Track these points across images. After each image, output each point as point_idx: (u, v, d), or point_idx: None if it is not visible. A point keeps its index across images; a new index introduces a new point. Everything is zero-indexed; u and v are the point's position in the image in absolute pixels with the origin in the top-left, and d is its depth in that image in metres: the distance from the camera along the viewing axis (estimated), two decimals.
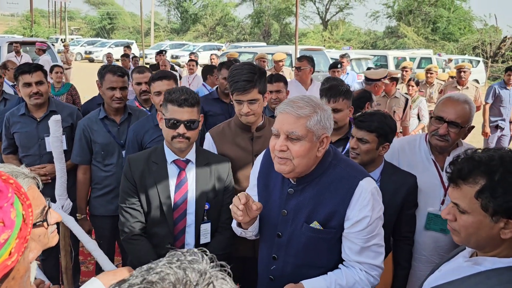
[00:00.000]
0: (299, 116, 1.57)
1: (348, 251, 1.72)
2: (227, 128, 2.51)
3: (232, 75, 2.33)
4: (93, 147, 3.03)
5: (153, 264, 0.69)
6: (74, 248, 3.21)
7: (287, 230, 1.77)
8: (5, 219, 0.77)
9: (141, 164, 2.22)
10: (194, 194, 2.22)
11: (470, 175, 1.26)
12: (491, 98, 6.42)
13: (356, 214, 1.66)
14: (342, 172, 1.69)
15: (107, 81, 3.02)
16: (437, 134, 2.23)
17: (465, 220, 1.29)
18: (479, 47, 26.90)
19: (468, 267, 1.33)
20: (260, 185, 1.89)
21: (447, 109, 2.23)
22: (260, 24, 42.11)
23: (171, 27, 49.56)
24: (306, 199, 1.71)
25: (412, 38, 31.81)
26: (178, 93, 2.11)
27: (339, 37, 37.90)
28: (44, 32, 35.94)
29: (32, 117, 3.20)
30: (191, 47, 28.87)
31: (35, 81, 3.10)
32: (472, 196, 1.25)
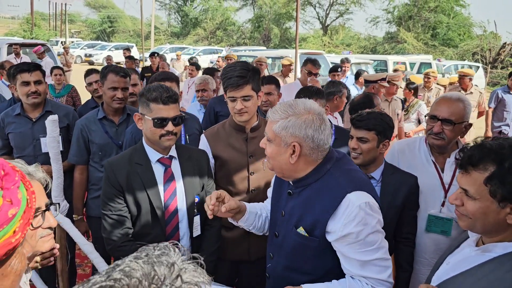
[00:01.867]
0: (271, 120, 1.65)
1: (347, 265, 1.63)
2: (221, 129, 2.49)
3: (225, 72, 2.32)
4: (90, 147, 3.00)
5: (120, 261, 0.67)
6: (71, 251, 3.17)
7: (282, 231, 1.78)
8: (13, 198, 0.84)
9: (124, 167, 2.14)
10: (183, 189, 2.22)
11: (481, 161, 1.29)
12: (494, 103, 6.40)
13: (340, 228, 1.57)
14: (333, 181, 1.62)
15: (109, 81, 2.99)
16: (432, 132, 2.26)
17: (472, 206, 1.31)
18: (479, 53, 26.96)
19: (478, 256, 1.33)
20: (275, 184, 1.92)
21: (440, 107, 2.26)
22: (260, 28, 42.22)
23: (171, 30, 49.67)
24: (299, 202, 1.70)
25: (412, 44, 31.90)
26: (158, 91, 2.08)
27: (339, 42, 38.00)
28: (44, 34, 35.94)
29: (28, 117, 3.16)
30: (191, 50, 28.90)
31: (34, 80, 3.07)
32: (481, 182, 1.28)
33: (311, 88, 3.06)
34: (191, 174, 2.25)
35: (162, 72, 3.43)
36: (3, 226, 0.80)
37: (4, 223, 0.80)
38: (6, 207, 0.82)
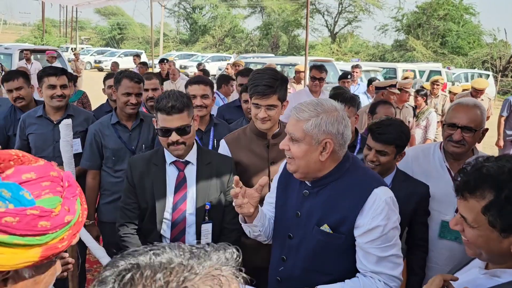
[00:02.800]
0: (298, 119, 1.62)
1: (365, 261, 1.67)
2: (242, 135, 2.47)
3: (253, 78, 2.29)
4: (104, 152, 3.00)
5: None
6: (81, 255, 3.16)
7: (299, 232, 1.76)
8: (70, 207, 0.90)
9: (140, 166, 2.25)
10: (194, 194, 2.22)
11: (477, 188, 1.19)
12: (506, 111, 6.32)
13: (368, 222, 1.63)
14: (357, 179, 1.69)
15: (123, 87, 3.01)
16: (452, 140, 2.22)
17: (472, 234, 1.23)
18: (489, 61, 26.80)
19: (486, 279, 1.27)
20: (279, 187, 1.90)
21: (458, 114, 2.23)
22: (268, 36, 42.37)
23: (180, 37, 50.05)
24: (319, 202, 1.70)
25: (421, 52, 31.77)
26: (165, 101, 2.08)
27: (348, 50, 37.99)
28: (54, 41, 36.45)
29: (49, 119, 3.22)
30: (199, 57, 29.07)
31: (60, 84, 3.16)
32: (479, 211, 1.18)
33: (345, 94, 2.96)
34: (207, 180, 2.24)
35: (198, 75, 3.48)
36: (57, 229, 0.86)
37: (59, 226, 0.86)
38: (64, 213, 0.87)
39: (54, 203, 0.87)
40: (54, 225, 0.85)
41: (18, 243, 0.82)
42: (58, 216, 0.86)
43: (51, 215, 0.85)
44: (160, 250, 0.67)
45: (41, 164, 0.94)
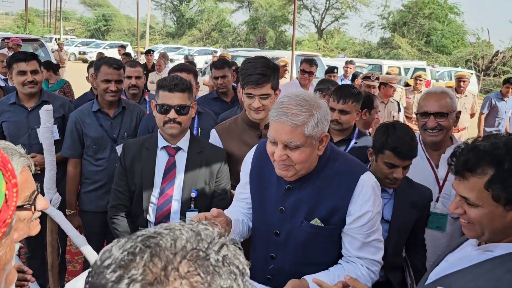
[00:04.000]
0: (296, 126, 1.49)
1: (349, 246, 1.69)
2: (233, 125, 2.43)
3: (245, 67, 2.24)
4: (84, 140, 2.94)
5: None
6: (61, 245, 3.11)
7: (285, 228, 1.71)
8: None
9: (133, 149, 2.29)
10: (182, 181, 2.21)
11: (478, 165, 1.22)
12: (486, 109, 6.44)
13: (358, 209, 1.63)
14: (342, 167, 1.66)
15: (102, 73, 2.95)
16: (427, 128, 2.27)
17: (476, 213, 1.24)
18: (472, 60, 27.20)
19: (478, 255, 1.29)
20: (253, 182, 1.83)
21: (428, 103, 2.29)
22: (255, 30, 42.24)
23: (166, 30, 49.55)
24: (305, 195, 1.66)
25: (406, 49, 32.07)
26: (169, 79, 2.17)
27: (334, 46, 38.10)
28: (38, 31, 35.64)
29: (23, 106, 3.12)
30: (186, 51, 28.82)
31: (30, 69, 3.05)
32: (482, 187, 1.21)
33: (352, 89, 2.75)
34: (196, 168, 2.24)
35: (182, 63, 3.44)
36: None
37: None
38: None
39: None
40: None
41: None
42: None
43: None
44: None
45: None
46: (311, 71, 5.12)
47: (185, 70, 3.01)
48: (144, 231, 0.65)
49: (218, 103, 3.76)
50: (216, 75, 3.82)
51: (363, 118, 3.47)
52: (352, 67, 8.06)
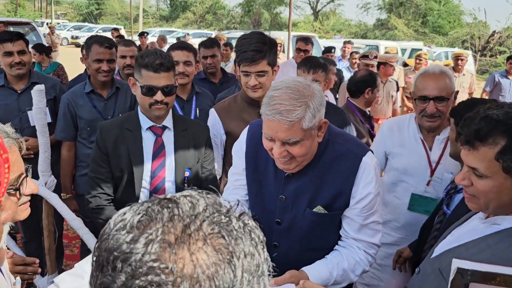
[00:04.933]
0: (293, 122, 1.39)
1: (347, 228, 1.65)
2: (233, 103, 2.35)
3: (240, 44, 2.16)
4: (78, 122, 2.87)
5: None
6: (58, 229, 3.07)
7: (287, 216, 1.65)
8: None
9: (114, 131, 2.10)
10: (173, 161, 2.13)
11: (490, 135, 1.17)
12: (489, 86, 6.36)
13: (360, 191, 1.58)
14: (341, 149, 1.58)
15: (94, 53, 2.85)
16: (426, 114, 2.11)
17: (484, 185, 1.20)
18: (468, 40, 27.05)
19: (485, 228, 1.26)
20: (249, 168, 1.72)
21: (426, 85, 2.11)
22: (250, 13, 41.71)
23: (160, 14, 48.86)
24: (306, 182, 1.59)
25: (402, 30, 31.85)
26: (152, 57, 1.97)
27: (330, 28, 37.77)
28: (29, 15, 35.05)
29: (12, 88, 3.03)
30: (180, 34, 28.46)
31: (17, 50, 2.94)
32: (492, 158, 1.16)
33: (319, 59, 2.91)
34: (185, 147, 2.15)
35: (181, 41, 3.35)
36: None
37: None
38: None
39: None
40: None
41: None
42: None
43: None
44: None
45: None
46: (307, 49, 5.04)
47: (185, 48, 2.91)
48: (160, 196, 0.61)
49: (206, 84, 3.65)
50: (206, 54, 3.73)
51: (366, 97, 3.45)
52: (350, 47, 7.97)
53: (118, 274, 0.54)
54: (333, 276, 1.59)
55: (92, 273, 0.60)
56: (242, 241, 0.58)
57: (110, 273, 0.55)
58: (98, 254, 0.59)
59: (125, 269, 0.54)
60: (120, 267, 0.54)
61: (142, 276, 0.53)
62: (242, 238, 0.59)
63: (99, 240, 0.61)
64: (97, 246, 0.60)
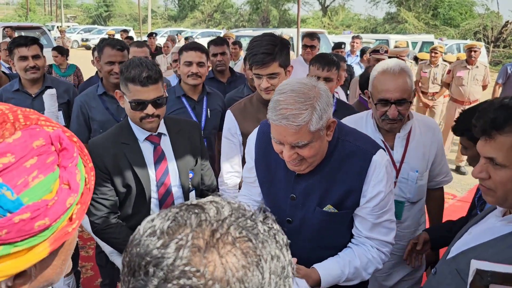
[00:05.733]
0: (300, 126, 1.37)
1: (360, 226, 1.64)
2: (248, 104, 2.35)
3: (251, 47, 2.15)
4: (91, 124, 2.88)
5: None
6: None
7: (298, 215, 1.65)
8: (71, 181, 0.69)
9: (110, 148, 2.00)
10: (175, 166, 2.09)
11: (506, 123, 1.14)
12: (502, 79, 6.21)
13: (370, 190, 1.56)
14: (352, 147, 1.57)
15: (106, 55, 2.87)
16: (388, 118, 1.98)
17: (502, 176, 1.17)
18: (481, 32, 26.63)
19: (503, 226, 1.22)
20: (260, 167, 1.73)
21: (387, 87, 1.95)
22: (258, 10, 41.63)
23: (168, 14, 49.05)
24: (316, 181, 1.58)
25: (412, 24, 31.48)
26: (138, 70, 1.87)
27: (339, 23, 37.52)
28: (39, 19, 35.51)
29: (27, 93, 3.07)
30: (189, 33, 28.55)
31: (31, 54, 2.99)
32: (510, 146, 1.14)
33: (333, 56, 2.91)
34: (183, 149, 2.12)
35: (194, 42, 3.34)
36: (59, 219, 0.66)
37: (61, 214, 0.67)
38: (64, 195, 0.67)
39: (48, 186, 0.66)
40: (54, 217, 0.66)
41: (16, 251, 0.64)
42: (57, 203, 0.66)
43: (48, 206, 0.65)
44: None
45: (17, 137, 0.66)
46: (313, 44, 4.96)
47: (198, 49, 2.88)
48: (186, 203, 0.64)
49: (214, 83, 3.63)
50: (215, 52, 3.72)
51: None
52: (359, 42, 7.85)
53: (150, 278, 0.56)
54: (345, 274, 1.59)
55: (124, 277, 0.61)
56: (268, 244, 0.60)
57: (143, 277, 0.57)
58: (129, 259, 0.61)
59: (158, 273, 0.56)
60: (153, 272, 0.56)
61: (174, 279, 0.55)
62: (268, 241, 0.61)
63: (129, 245, 0.62)
64: (128, 251, 0.62)
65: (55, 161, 0.69)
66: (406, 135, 2.09)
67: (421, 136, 2.10)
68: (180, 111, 2.81)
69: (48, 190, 0.66)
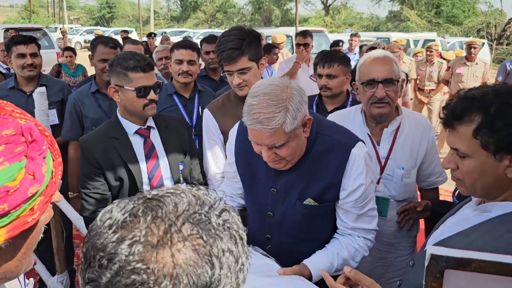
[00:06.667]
0: (274, 129, 1.39)
1: (344, 218, 1.66)
2: (226, 101, 2.30)
3: (219, 43, 2.08)
4: (84, 122, 2.88)
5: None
6: (67, 230, 3.10)
7: (279, 209, 1.66)
8: (36, 172, 0.72)
9: (100, 143, 2.04)
10: (166, 158, 2.12)
11: (465, 113, 1.14)
12: (501, 76, 6.17)
13: (351, 183, 1.58)
14: (331, 141, 1.58)
15: (99, 53, 2.88)
16: (376, 100, 1.96)
17: (467, 165, 1.17)
18: (484, 29, 26.51)
19: (476, 216, 1.21)
20: (240, 163, 1.74)
21: (373, 69, 1.97)
22: (261, 10, 41.65)
23: (171, 14, 49.16)
24: (296, 175, 1.59)
25: (415, 22, 31.40)
26: (134, 59, 1.95)
27: (341, 22, 37.48)
28: (43, 22, 35.70)
29: (22, 90, 3.09)
30: (191, 34, 28.59)
31: (30, 52, 3.02)
32: (470, 136, 1.13)
33: (337, 53, 2.82)
34: (172, 143, 2.15)
35: (185, 39, 3.34)
36: (19, 207, 0.69)
37: (22, 202, 0.69)
38: (27, 184, 0.69)
39: (12, 174, 0.68)
40: (14, 204, 0.68)
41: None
42: (18, 191, 0.68)
43: (9, 193, 0.67)
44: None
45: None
46: (306, 42, 4.85)
47: (189, 47, 2.87)
48: (146, 193, 0.66)
49: (206, 81, 3.61)
50: (208, 50, 3.71)
51: None
52: (357, 39, 7.82)
53: (103, 271, 0.60)
54: (334, 266, 1.61)
55: (81, 267, 0.64)
56: (220, 239, 0.63)
57: (97, 269, 0.60)
58: (86, 249, 0.63)
59: (111, 267, 0.59)
60: (106, 265, 0.60)
61: (126, 274, 0.58)
62: (221, 236, 0.63)
63: (87, 235, 0.65)
64: (86, 240, 0.64)
65: (24, 151, 0.71)
66: (394, 131, 2.06)
67: (410, 132, 2.06)
68: (172, 108, 2.80)
69: (11, 178, 0.68)
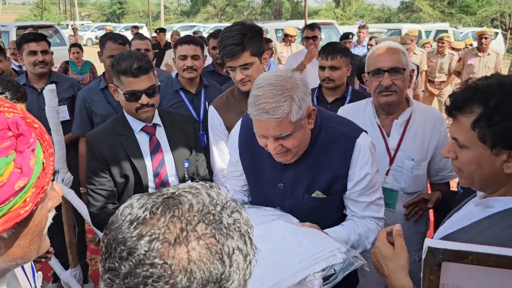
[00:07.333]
0: (281, 118, 1.41)
1: (353, 208, 1.68)
2: (230, 97, 2.31)
3: (220, 39, 2.09)
4: (93, 118, 2.93)
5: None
6: (79, 224, 3.16)
7: (287, 203, 1.68)
8: (23, 166, 0.72)
9: (106, 139, 2.06)
10: (171, 156, 2.13)
11: (466, 104, 1.13)
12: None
13: (357, 173, 1.60)
14: (335, 133, 1.60)
15: (108, 49, 2.92)
16: (382, 89, 1.97)
17: (465, 156, 1.16)
18: (498, 19, 26.00)
19: (479, 212, 1.21)
20: (245, 160, 1.76)
21: (381, 59, 2.00)
22: (271, 3, 41.41)
23: (181, 9, 49.20)
24: (303, 168, 1.61)
25: (427, 12, 30.91)
26: (128, 62, 1.93)
27: (352, 14, 37.09)
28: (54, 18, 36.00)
29: (33, 87, 3.15)
30: (201, 28, 28.58)
31: (41, 49, 3.09)
32: (469, 127, 1.12)
33: (339, 45, 2.92)
34: (178, 140, 2.16)
35: (188, 35, 3.37)
36: (8, 201, 0.69)
37: (10, 197, 0.70)
38: (14, 178, 0.69)
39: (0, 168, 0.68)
40: (2, 199, 0.68)
41: None
42: (5, 186, 0.68)
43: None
44: None
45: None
46: (314, 35, 4.84)
47: (192, 42, 2.91)
48: (165, 190, 0.72)
49: (214, 77, 3.63)
50: (215, 45, 3.72)
51: None
52: (365, 32, 7.73)
53: (124, 262, 0.65)
54: (351, 239, 1.63)
55: (102, 256, 0.70)
56: (231, 238, 0.69)
57: (117, 260, 0.66)
58: (107, 241, 0.69)
59: (131, 259, 0.65)
60: (126, 257, 0.65)
61: (145, 267, 0.64)
62: (231, 235, 0.69)
63: (108, 226, 0.71)
64: (107, 232, 0.70)
65: (12, 146, 0.71)
66: (405, 122, 2.06)
67: (421, 124, 2.06)
68: (178, 104, 2.82)
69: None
